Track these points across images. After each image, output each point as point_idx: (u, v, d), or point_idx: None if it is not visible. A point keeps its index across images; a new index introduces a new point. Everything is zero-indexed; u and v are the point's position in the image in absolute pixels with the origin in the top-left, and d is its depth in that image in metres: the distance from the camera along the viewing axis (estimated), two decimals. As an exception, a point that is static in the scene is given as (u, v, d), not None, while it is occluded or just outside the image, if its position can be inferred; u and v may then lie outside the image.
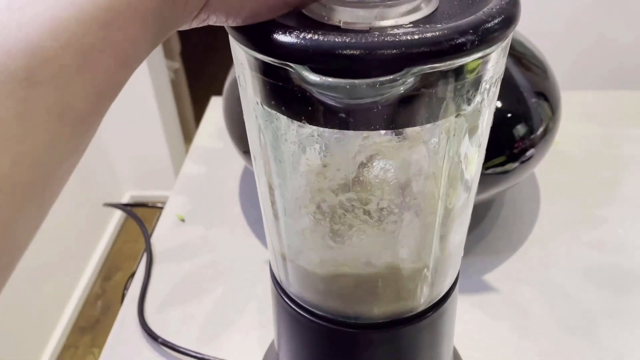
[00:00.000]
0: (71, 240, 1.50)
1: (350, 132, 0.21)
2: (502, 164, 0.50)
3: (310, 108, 0.21)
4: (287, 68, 0.20)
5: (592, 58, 1.28)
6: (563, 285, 0.53)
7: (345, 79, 0.19)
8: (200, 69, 2.27)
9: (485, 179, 0.50)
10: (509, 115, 0.50)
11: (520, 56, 0.55)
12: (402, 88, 0.20)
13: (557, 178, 0.66)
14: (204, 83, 2.12)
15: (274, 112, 0.22)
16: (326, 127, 0.21)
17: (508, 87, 0.52)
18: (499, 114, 0.50)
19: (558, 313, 0.50)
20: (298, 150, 0.23)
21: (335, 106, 0.21)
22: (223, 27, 0.22)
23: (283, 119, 0.22)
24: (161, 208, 0.66)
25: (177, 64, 1.81)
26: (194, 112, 1.96)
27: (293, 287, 0.31)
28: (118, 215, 1.74)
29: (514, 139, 0.50)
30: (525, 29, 0.59)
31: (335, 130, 0.21)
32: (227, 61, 0.55)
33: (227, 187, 0.68)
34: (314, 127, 0.22)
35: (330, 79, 0.19)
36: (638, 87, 1.25)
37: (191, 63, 2.02)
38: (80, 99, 0.16)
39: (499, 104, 0.50)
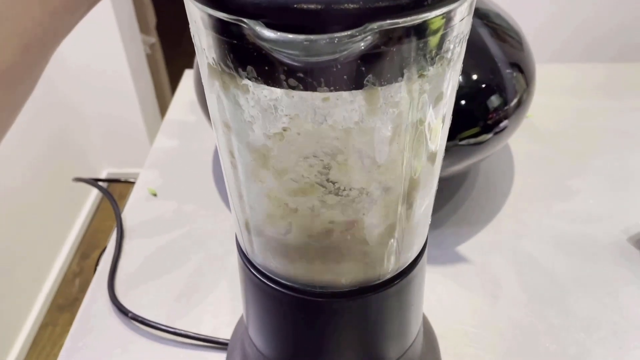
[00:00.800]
0: (48, 218, 1.47)
1: (309, 94, 0.21)
2: (476, 135, 0.50)
3: (266, 67, 0.20)
4: (241, 24, 0.19)
5: (567, 31, 1.28)
6: (534, 255, 0.53)
7: (302, 34, 0.18)
8: (177, 42, 2.22)
9: (459, 150, 0.50)
10: (483, 85, 0.50)
11: (496, 27, 0.54)
12: (362, 44, 0.19)
13: (531, 150, 0.66)
14: (181, 57, 2.08)
15: (230, 72, 0.22)
16: (284, 87, 0.21)
17: (483, 58, 0.51)
18: (473, 85, 0.50)
19: (528, 282, 0.51)
20: (256, 113, 0.22)
21: (293, 65, 0.20)
22: None
23: (239, 80, 0.21)
24: (134, 183, 0.65)
25: (153, 39, 1.77)
26: (170, 87, 1.92)
27: (258, 258, 0.30)
28: (95, 192, 1.71)
29: (487, 110, 0.50)
30: (502, 2, 0.59)
31: (294, 91, 0.21)
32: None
33: (200, 160, 0.67)
34: (272, 88, 0.21)
35: (286, 35, 0.19)
36: (610, 59, 1.26)
37: (168, 37, 1.98)
38: (3, 48, 0.15)
39: (474, 75, 0.50)
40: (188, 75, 0.82)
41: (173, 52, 2.06)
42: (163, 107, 1.82)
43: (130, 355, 0.46)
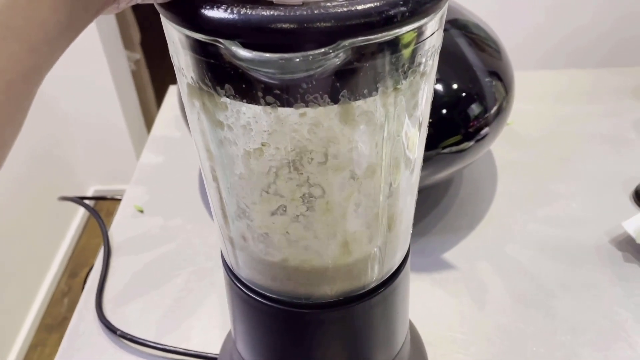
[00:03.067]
0: (35, 237, 1.46)
1: (286, 110, 0.21)
2: (458, 143, 0.51)
3: (244, 85, 0.21)
4: (218, 44, 0.20)
5: (544, 38, 1.30)
6: (519, 259, 0.54)
7: (277, 53, 0.19)
8: (161, 59, 2.22)
9: (442, 158, 0.50)
10: (464, 94, 0.51)
11: (474, 37, 0.55)
12: (335, 61, 0.20)
13: (513, 157, 0.67)
14: (166, 73, 2.08)
15: (209, 91, 0.22)
16: (261, 104, 0.21)
17: (462, 67, 0.52)
18: (453, 94, 0.50)
19: (515, 287, 0.52)
20: (235, 130, 0.23)
21: (269, 82, 0.20)
22: None
23: (218, 98, 0.22)
24: (121, 200, 0.65)
25: (138, 55, 1.77)
26: (156, 103, 1.92)
27: (243, 272, 0.30)
28: (82, 211, 1.70)
29: (468, 118, 0.51)
30: (479, 10, 0.60)
31: (271, 108, 0.21)
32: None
33: (186, 176, 0.67)
34: (250, 105, 0.21)
35: (261, 54, 0.19)
36: (588, 65, 1.28)
37: (152, 53, 1.98)
38: None
39: (454, 85, 0.51)
40: (172, 91, 0.82)
41: (158, 67, 2.06)
42: (149, 123, 1.82)
43: (120, 374, 0.46)
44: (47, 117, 1.52)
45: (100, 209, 1.62)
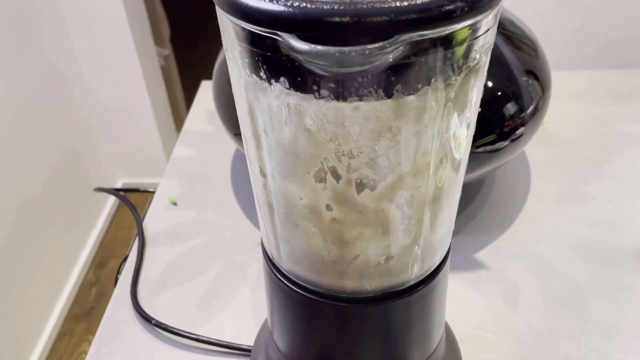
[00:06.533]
0: (65, 228, 1.49)
1: (340, 103, 0.21)
2: (493, 142, 0.50)
3: (299, 78, 0.21)
4: (275, 37, 0.20)
5: (581, 38, 1.28)
6: (552, 260, 0.54)
7: (334, 46, 0.19)
8: (190, 55, 2.25)
9: (476, 158, 0.50)
10: (500, 93, 0.50)
11: (511, 35, 0.55)
12: (391, 56, 0.20)
13: (547, 156, 0.67)
14: (195, 69, 2.10)
15: (263, 84, 0.22)
16: (316, 97, 0.21)
17: (499, 66, 0.52)
18: (489, 93, 0.50)
19: (547, 288, 0.51)
20: (288, 124, 0.23)
21: (324, 75, 0.20)
22: (212, 9, 0.22)
23: (272, 91, 0.22)
24: (153, 193, 0.66)
25: (167, 51, 1.79)
26: (185, 98, 1.95)
27: (285, 264, 0.31)
28: (111, 203, 1.73)
29: (504, 117, 0.50)
30: (516, 8, 0.59)
31: (324, 101, 0.21)
32: (217, 47, 0.55)
33: (219, 169, 0.68)
34: (303, 98, 0.22)
35: (318, 47, 0.19)
36: (624, 66, 1.26)
37: (181, 49, 2.00)
38: None
39: (490, 83, 0.50)
40: (205, 87, 0.83)
41: (186, 63, 2.08)
42: (177, 118, 1.84)
43: (154, 362, 0.47)
44: (77, 111, 1.55)
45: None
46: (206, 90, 0.83)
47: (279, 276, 0.31)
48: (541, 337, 0.47)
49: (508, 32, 0.55)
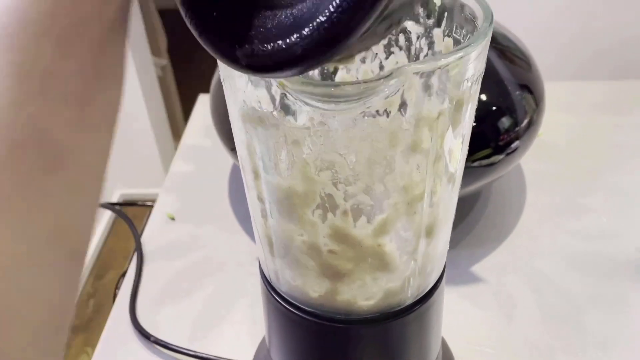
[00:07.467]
0: (61, 240, 1.49)
1: (335, 124, 0.22)
2: (488, 156, 0.51)
3: (294, 108, 0.22)
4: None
5: (574, 49, 1.29)
6: (548, 273, 0.54)
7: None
8: (188, 65, 2.25)
9: (472, 172, 0.50)
10: (494, 108, 0.51)
11: (503, 49, 0.55)
12: (388, 89, 0.20)
13: (542, 168, 0.67)
14: (192, 79, 2.11)
15: (261, 112, 0.23)
16: (312, 124, 0.22)
17: (492, 81, 0.52)
18: (484, 107, 0.51)
19: (544, 301, 0.51)
20: (285, 147, 0.23)
21: (320, 108, 0.21)
22: None
23: (271, 119, 0.23)
24: (151, 206, 0.66)
25: (165, 61, 1.80)
26: (182, 109, 1.95)
27: (283, 286, 0.31)
28: (108, 214, 1.73)
29: (499, 131, 0.51)
30: (508, 22, 0.60)
31: (321, 122, 0.22)
32: (214, 58, 0.55)
33: (216, 184, 0.68)
34: (300, 124, 0.22)
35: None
36: (619, 76, 1.27)
37: (179, 59, 2.01)
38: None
39: (484, 97, 0.51)
40: (202, 100, 0.84)
41: (184, 73, 2.09)
42: (175, 129, 1.85)
43: (153, 379, 0.47)
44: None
45: (125, 213, 1.65)
46: (203, 103, 0.83)
47: (277, 297, 0.32)
48: (538, 351, 0.47)
49: (501, 46, 0.55)
